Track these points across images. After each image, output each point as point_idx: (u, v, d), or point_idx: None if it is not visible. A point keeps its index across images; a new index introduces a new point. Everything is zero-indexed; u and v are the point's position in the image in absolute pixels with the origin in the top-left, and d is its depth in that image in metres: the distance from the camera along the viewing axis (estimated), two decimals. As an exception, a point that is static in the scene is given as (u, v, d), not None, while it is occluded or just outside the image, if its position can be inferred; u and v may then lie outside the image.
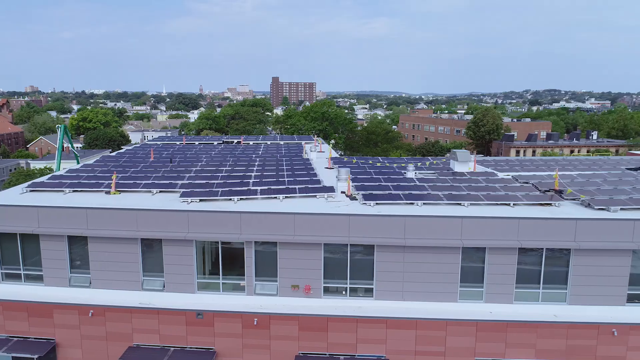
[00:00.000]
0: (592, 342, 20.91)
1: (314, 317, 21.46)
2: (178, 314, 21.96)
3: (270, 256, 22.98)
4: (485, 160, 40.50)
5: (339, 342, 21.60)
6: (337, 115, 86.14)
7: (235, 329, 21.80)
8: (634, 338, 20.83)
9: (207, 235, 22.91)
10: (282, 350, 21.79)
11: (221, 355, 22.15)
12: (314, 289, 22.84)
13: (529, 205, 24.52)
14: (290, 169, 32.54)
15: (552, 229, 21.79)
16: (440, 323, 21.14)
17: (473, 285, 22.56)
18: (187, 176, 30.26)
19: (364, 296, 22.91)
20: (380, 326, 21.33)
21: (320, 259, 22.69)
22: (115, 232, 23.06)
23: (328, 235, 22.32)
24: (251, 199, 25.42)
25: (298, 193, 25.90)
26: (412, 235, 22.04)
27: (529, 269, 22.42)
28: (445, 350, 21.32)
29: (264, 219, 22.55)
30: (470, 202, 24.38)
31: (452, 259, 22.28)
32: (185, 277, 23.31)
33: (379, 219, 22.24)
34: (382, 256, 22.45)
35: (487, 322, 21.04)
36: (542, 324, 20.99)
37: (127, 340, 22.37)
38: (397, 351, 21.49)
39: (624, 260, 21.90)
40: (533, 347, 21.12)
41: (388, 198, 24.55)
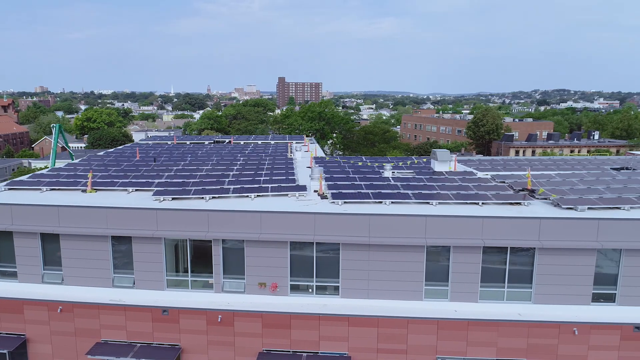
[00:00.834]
0: (553, 341, 20.94)
1: (277, 315, 21.67)
2: (144, 310, 22.25)
3: (237, 254, 23.22)
4: (469, 160, 40.50)
5: (302, 340, 21.78)
6: (334, 115, 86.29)
7: (200, 325, 22.06)
8: (595, 337, 20.83)
9: (176, 233, 23.18)
10: (246, 347, 22.02)
11: (186, 352, 22.42)
12: (280, 287, 23.04)
13: (498, 204, 24.57)
14: (270, 169, 32.77)
15: (516, 228, 21.85)
16: (401, 321, 21.26)
17: (438, 284, 22.66)
18: (166, 175, 30.61)
19: (330, 294, 23.08)
20: (342, 324, 21.48)
21: (286, 257, 22.89)
22: (86, 230, 23.39)
23: (294, 234, 22.51)
24: (223, 197, 25.67)
25: (270, 192, 26.11)
26: (376, 233, 22.18)
27: (494, 267, 22.48)
28: (407, 348, 21.44)
29: (230, 217, 22.79)
30: (438, 201, 24.49)
31: (416, 257, 22.39)
32: (155, 274, 23.60)
33: (344, 217, 22.40)
34: (348, 254, 22.61)
35: (448, 320, 21.13)
36: (503, 323, 21.05)
37: (95, 336, 22.71)
38: (359, 349, 21.64)
39: (588, 259, 21.90)
40: (494, 346, 21.18)
41: (357, 197, 24.70)
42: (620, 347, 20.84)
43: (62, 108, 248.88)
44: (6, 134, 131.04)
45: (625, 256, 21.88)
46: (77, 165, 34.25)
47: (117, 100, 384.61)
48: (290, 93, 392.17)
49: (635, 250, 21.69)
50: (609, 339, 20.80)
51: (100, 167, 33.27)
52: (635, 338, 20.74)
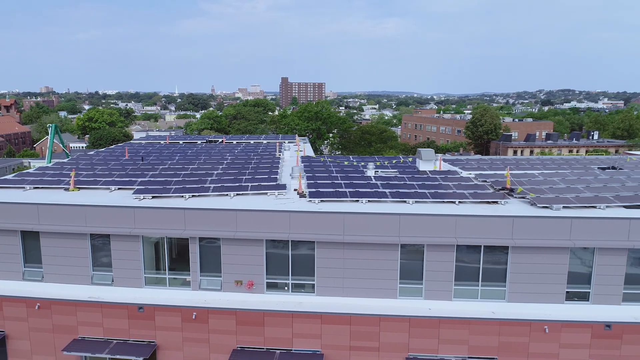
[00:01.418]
0: (525, 339, 21.01)
1: (250, 312, 21.85)
2: (120, 307, 22.47)
3: (214, 252, 23.41)
4: (457, 160, 40.56)
5: (276, 337, 21.95)
6: (330, 115, 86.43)
7: (175, 322, 22.26)
8: (566, 335, 20.88)
9: (153, 231, 23.41)
10: (220, 344, 22.20)
11: (162, 348, 22.63)
12: (257, 285, 23.23)
13: (475, 203, 24.67)
14: (255, 168, 32.96)
15: (489, 227, 21.95)
16: (373, 319, 21.39)
17: (413, 282, 22.78)
18: (150, 174, 30.85)
19: (306, 292, 23.24)
20: (315, 321, 21.63)
21: (262, 255, 23.07)
22: (65, 228, 23.65)
23: (269, 232, 22.69)
24: (203, 196, 25.87)
25: (250, 190, 26.30)
26: (351, 232, 22.32)
27: (468, 266, 22.59)
28: (380, 346, 21.56)
29: (207, 215, 22.99)
30: (415, 199, 24.61)
31: (391, 255, 22.52)
32: (133, 272, 23.83)
33: (318, 215, 22.56)
34: (323, 252, 22.76)
35: (420, 318, 21.25)
36: (474, 321, 21.14)
37: (72, 332, 22.95)
38: (332, 346, 21.78)
39: (562, 258, 21.97)
40: (466, 344, 21.27)
41: (334, 195, 24.86)
42: (592, 345, 20.89)
43: (65, 108, 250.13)
44: (8, 133, 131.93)
45: (598, 255, 21.94)
46: (64, 164, 34.56)
47: (121, 100, 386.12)
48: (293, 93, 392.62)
49: (608, 249, 21.74)
50: (580, 337, 20.86)
51: (87, 166, 33.56)
52: (606, 336, 20.79)
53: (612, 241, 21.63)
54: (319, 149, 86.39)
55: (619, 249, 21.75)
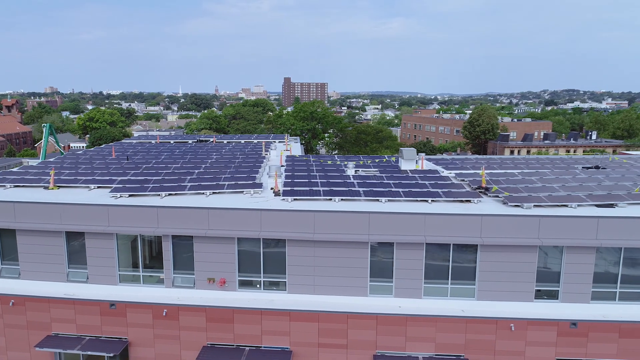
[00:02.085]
0: (491, 337, 21.11)
1: (220, 309, 22.05)
2: (93, 304, 22.72)
3: (187, 250, 23.62)
4: (442, 159, 40.71)
5: (245, 334, 22.14)
6: (325, 114, 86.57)
7: (146, 319, 22.49)
8: (532, 333, 20.97)
9: (127, 229, 23.63)
10: (191, 341, 22.42)
11: (134, 345, 22.86)
12: (229, 282, 23.42)
13: (449, 201, 24.79)
14: (237, 167, 33.16)
15: (457, 225, 22.06)
16: (341, 316, 21.54)
17: (383, 280, 22.92)
18: (132, 172, 31.09)
19: (277, 290, 23.42)
20: (284, 319, 21.81)
21: (234, 252, 23.27)
22: (41, 225, 23.91)
23: (241, 230, 22.89)
24: (180, 194, 26.11)
25: (226, 189, 26.52)
26: (321, 230, 22.49)
27: (437, 264, 22.71)
28: (348, 343, 21.72)
29: (179, 213, 23.21)
30: (388, 198, 24.75)
31: (361, 253, 22.67)
32: (108, 269, 24.07)
33: (289, 213, 22.73)
34: (294, 250, 22.93)
35: (387, 315, 21.39)
36: (441, 318, 21.26)
37: (46, 329, 23.22)
38: (301, 343, 21.96)
39: (530, 256, 22.06)
40: (433, 341, 21.40)
41: (308, 194, 25.03)
42: (558, 343, 20.97)
43: (68, 108, 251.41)
44: (9, 133, 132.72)
45: (567, 253, 22.02)
46: (48, 163, 34.88)
47: (124, 100, 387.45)
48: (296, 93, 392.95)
49: (577, 247, 21.81)
50: (546, 334, 20.94)
51: (71, 165, 33.85)
52: (572, 334, 20.87)
53: (580, 240, 21.70)
54: (314, 148, 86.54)
55: (588, 248, 21.82)
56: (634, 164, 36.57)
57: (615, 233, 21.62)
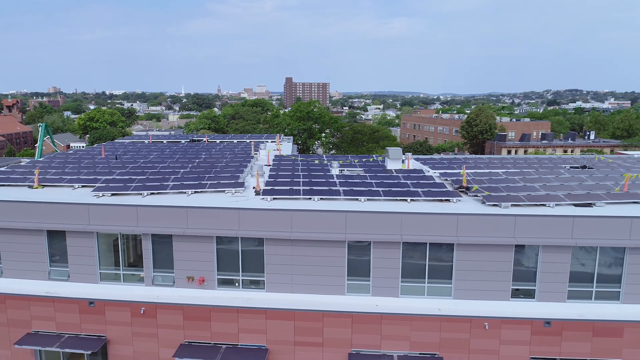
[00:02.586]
0: (465, 336, 21.20)
1: (197, 307, 22.21)
2: (72, 302, 22.92)
3: (167, 248, 23.79)
4: (431, 158, 40.71)
5: (222, 332, 22.30)
6: (322, 114, 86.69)
7: (124, 317, 22.68)
8: (506, 332, 21.06)
9: (107, 228, 23.82)
10: (168, 339, 22.59)
11: (113, 342, 23.05)
12: (208, 281, 23.58)
13: (428, 201, 24.90)
14: (224, 166, 33.31)
15: (434, 224, 22.15)
16: (317, 314, 21.68)
17: (360, 279, 23.03)
18: (118, 172, 31.27)
19: (256, 288, 23.57)
20: (260, 317, 21.96)
21: (212, 251, 23.42)
22: (23, 224, 24.11)
23: (219, 229, 23.04)
24: (162, 193, 26.30)
25: (208, 188, 26.69)
26: (298, 229, 22.62)
27: (414, 263, 22.81)
28: (323, 341, 21.85)
29: (158, 212, 23.37)
30: (367, 197, 24.87)
31: (338, 252, 22.79)
32: (89, 267, 24.26)
33: (267, 212, 22.87)
34: (272, 249, 23.08)
35: (362, 314, 21.50)
36: (415, 317, 21.37)
37: (26, 326, 23.43)
38: (277, 341, 22.10)
39: (506, 255, 22.14)
40: (407, 340, 21.51)
41: (288, 193, 25.17)
42: (532, 341, 21.05)
43: (70, 108, 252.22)
44: (9, 133, 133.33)
45: (542, 252, 22.09)
46: (36, 162, 35.12)
47: (127, 100, 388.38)
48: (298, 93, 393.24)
49: (553, 246, 21.88)
50: (520, 333, 21.03)
51: (59, 165, 34.07)
52: (546, 333, 20.95)
53: (556, 239, 21.77)
54: (311, 148, 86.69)
55: (563, 247, 21.89)
56: (622, 163, 36.57)
57: (590, 232, 21.68)
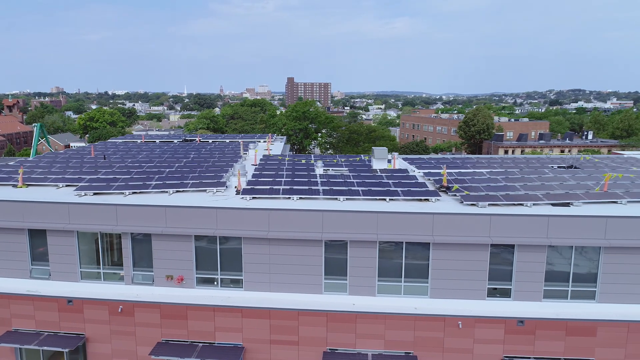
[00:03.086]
0: (439, 335, 21.29)
1: (174, 306, 22.37)
2: (51, 300, 23.11)
3: (146, 247, 23.95)
4: (419, 158, 40.77)
5: (199, 330, 22.45)
6: (318, 114, 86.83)
7: (102, 315, 22.86)
8: (480, 331, 21.14)
9: (86, 227, 23.99)
10: (146, 337, 22.75)
11: (91, 341, 23.23)
12: (187, 280, 23.73)
13: (407, 200, 24.99)
14: (210, 166, 33.48)
15: (409, 223, 22.25)
16: (292, 313, 21.80)
17: (337, 278, 23.14)
18: (104, 171, 31.46)
19: (234, 287, 23.71)
20: (236, 315, 22.10)
21: (191, 250, 23.57)
22: (4, 223, 24.31)
23: (197, 228, 23.19)
24: (144, 192, 26.46)
25: (190, 187, 26.84)
26: (275, 228, 22.75)
27: (391, 262, 22.90)
28: (299, 340, 21.97)
29: (137, 211, 23.54)
30: (346, 197, 24.98)
31: (315, 251, 22.90)
32: (69, 266, 24.44)
33: (244, 212, 23.01)
34: (249, 248, 23.21)
35: (337, 312, 21.62)
36: (390, 316, 21.47)
37: (6, 324, 23.63)
38: (253, 339, 22.25)
39: (482, 254, 22.22)
40: (382, 338, 21.61)
41: (267, 192, 25.31)
42: (505, 340, 21.12)
43: (72, 108, 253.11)
44: (10, 133, 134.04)
45: (518, 252, 22.16)
46: (24, 162, 35.37)
47: (129, 100, 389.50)
48: (299, 93, 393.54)
49: (528, 245, 21.95)
50: (494, 332, 21.11)
51: (47, 164, 34.30)
52: (519, 332, 21.02)
53: (531, 238, 21.84)
54: (307, 148, 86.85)
55: (538, 246, 21.96)
56: (609, 163, 36.58)
57: (565, 232, 21.74)
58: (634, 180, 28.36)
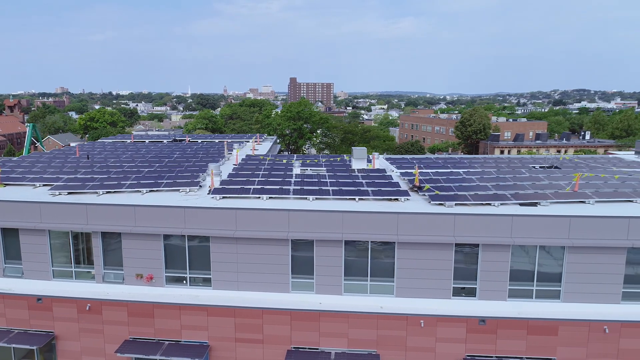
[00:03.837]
0: (402, 333, 21.41)
1: (141, 304, 22.59)
2: (21, 298, 23.38)
3: (116, 246, 24.18)
4: (402, 158, 40.87)
5: (165, 328, 22.66)
6: (312, 114, 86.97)
7: (71, 313, 23.10)
8: (442, 330, 21.24)
9: (58, 226, 24.24)
10: (114, 335, 22.99)
11: (61, 338, 23.48)
12: (157, 278, 23.95)
13: (376, 200, 25.11)
14: (190, 165, 33.70)
15: (374, 223, 22.37)
16: (256, 311, 21.98)
17: (304, 277, 23.29)
18: (83, 171, 31.76)
19: (203, 286, 23.90)
20: (201, 314, 22.29)
21: (160, 249, 23.79)
22: (-23, 222, 24.61)
23: (165, 227, 23.40)
24: (118, 192, 26.72)
25: (163, 187, 27.08)
26: (242, 227, 22.93)
27: (357, 261, 23.03)
28: (263, 338, 22.14)
29: (107, 210, 23.77)
30: (316, 196, 25.13)
31: (282, 250, 23.06)
32: (41, 264, 24.71)
33: (211, 211, 23.20)
34: (217, 247, 23.40)
35: (300, 311, 21.78)
36: (353, 314, 21.61)
37: (-23, 322, 23.93)
38: (218, 338, 22.43)
39: (446, 254, 22.32)
40: (346, 337, 21.74)
41: (237, 192, 25.50)
42: (467, 339, 21.21)
43: (75, 109, 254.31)
44: (10, 133, 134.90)
45: (482, 251, 22.25)
46: (7, 162, 35.72)
47: (133, 101, 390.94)
48: (302, 93, 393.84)
49: (492, 245, 22.03)
50: (455, 331, 21.21)
51: (29, 164, 34.63)
52: (480, 331, 21.11)
53: (495, 237, 21.93)
54: (301, 148, 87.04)
55: (503, 246, 22.04)
56: (589, 163, 36.54)
57: (529, 231, 21.81)
58: (606, 180, 28.36)
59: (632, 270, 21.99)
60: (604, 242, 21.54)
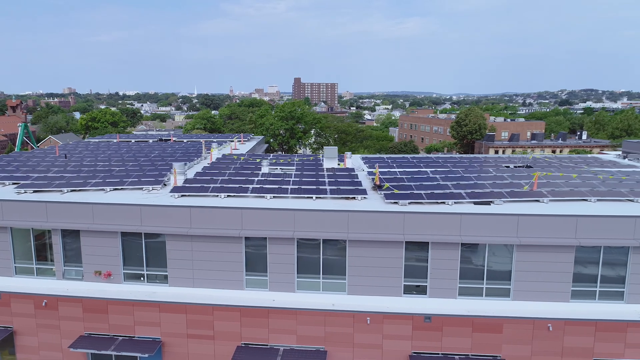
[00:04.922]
0: (349, 330, 21.63)
1: (94, 300, 22.98)
2: (-20, 294, 23.84)
3: (76, 243, 24.58)
4: (379, 157, 41.04)
5: (119, 324, 23.03)
6: (304, 114, 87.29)
7: (28, 309, 23.53)
8: (388, 327, 21.44)
9: (19, 223, 24.69)
10: (70, 330, 23.39)
11: (19, 334, 23.93)
12: (115, 275, 24.32)
13: (334, 198, 25.34)
14: (163, 164, 34.08)
15: (326, 221, 22.61)
16: (207, 308, 22.29)
17: (259, 274, 23.58)
18: (55, 170, 32.24)
19: (160, 282, 24.25)
20: (154, 310, 22.64)
21: (118, 246, 24.15)
22: (-59, 219, 25.09)
23: (123, 224, 23.77)
24: (83, 190, 27.12)
25: (128, 185, 27.46)
26: (197, 225, 23.25)
27: (310, 259, 23.27)
28: (214, 334, 22.45)
29: (65, 208, 24.18)
30: (273, 195, 25.41)
31: (235, 248, 23.36)
32: (4, 261, 25.15)
33: (167, 209, 23.53)
34: (173, 245, 23.73)
35: (249, 308, 22.08)
36: (301, 311, 21.87)
37: (-61, 318, 24.41)
38: (170, 334, 22.77)
39: (396, 252, 22.51)
40: (294, 333, 22.00)
41: (197, 190, 25.82)
42: (413, 336, 21.40)
43: (80, 109, 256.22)
44: (12, 133, 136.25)
45: (432, 249, 22.42)
46: (-16, 160, 36.31)
47: (138, 101, 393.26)
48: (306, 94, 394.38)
49: (441, 243, 22.20)
50: (401, 328, 21.41)
51: (4, 164, 35.18)
52: (426, 328, 21.29)
53: (444, 236, 22.10)
54: (294, 148, 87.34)
55: (452, 244, 22.20)
56: (562, 162, 36.54)
57: (478, 230, 21.96)
58: (568, 179, 28.41)
59: (581, 269, 22.07)
60: (552, 240, 21.64)
